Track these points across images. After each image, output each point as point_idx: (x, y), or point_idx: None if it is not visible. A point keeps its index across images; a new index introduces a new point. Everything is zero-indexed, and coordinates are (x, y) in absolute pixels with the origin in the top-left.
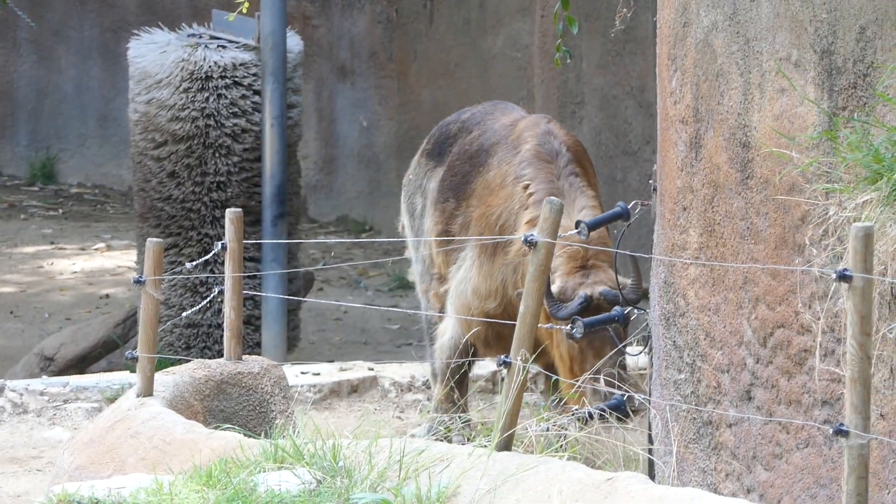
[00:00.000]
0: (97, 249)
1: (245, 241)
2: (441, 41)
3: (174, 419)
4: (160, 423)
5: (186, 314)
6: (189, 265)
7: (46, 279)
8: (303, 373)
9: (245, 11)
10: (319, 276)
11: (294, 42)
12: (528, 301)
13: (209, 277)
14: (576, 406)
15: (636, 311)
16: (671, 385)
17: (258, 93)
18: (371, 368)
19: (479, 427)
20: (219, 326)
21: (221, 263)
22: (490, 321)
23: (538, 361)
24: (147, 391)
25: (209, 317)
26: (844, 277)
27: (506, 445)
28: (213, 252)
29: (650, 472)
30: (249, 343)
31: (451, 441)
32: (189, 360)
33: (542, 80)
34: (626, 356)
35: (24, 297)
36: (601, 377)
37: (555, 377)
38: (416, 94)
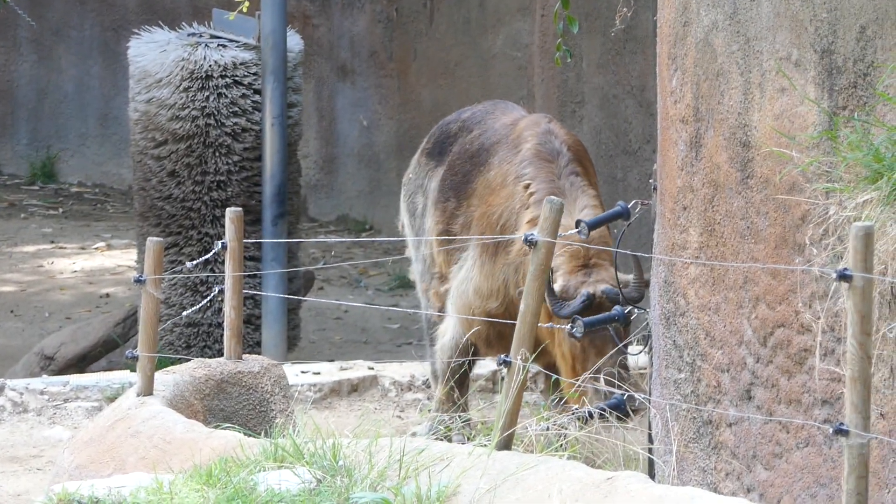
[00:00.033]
0: (97, 248)
1: (245, 241)
2: (441, 40)
3: (174, 418)
4: (160, 423)
5: (187, 313)
6: (189, 264)
7: (46, 278)
8: (303, 372)
9: (245, 10)
10: (320, 276)
11: (294, 41)
12: (529, 300)
13: (209, 277)
14: (576, 405)
15: (636, 311)
16: (671, 384)
17: (258, 92)
18: (371, 368)
19: (479, 426)
20: (219, 325)
21: (222, 262)
22: (492, 320)
23: (538, 361)
24: (147, 390)
25: (209, 316)
26: (845, 277)
27: (506, 445)
28: (214, 251)
29: (650, 472)
30: (249, 342)
31: (452, 440)
32: (189, 360)
33: (543, 80)
34: (628, 355)
35: (25, 297)
36: (604, 376)
37: (555, 376)
38: (417, 94)
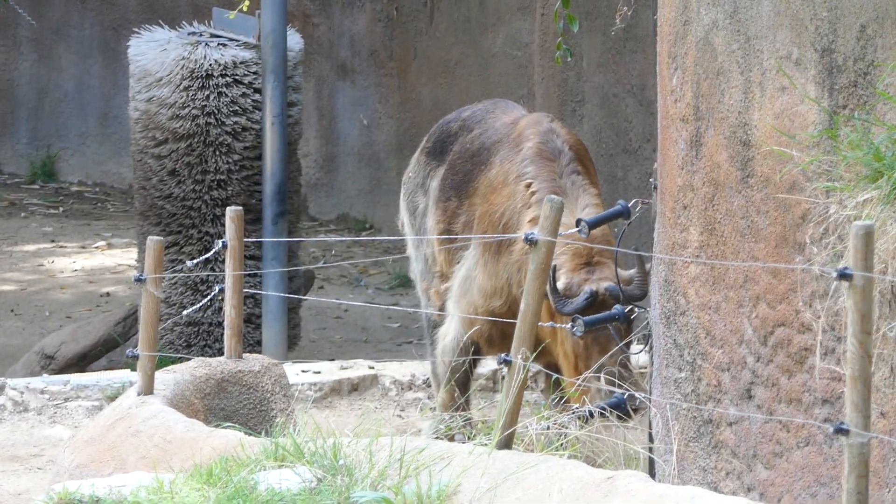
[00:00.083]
0: (98, 247)
1: (245, 240)
2: (441, 39)
3: (175, 417)
4: (161, 422)
5: (187, 312)
6: (189, 263)
7: (47, 277)
8: (303, 371)
9: (245, 9)
10: (320, 275)
11: (294, 40)
12: (529, 299)
13: (210, 276)
14: (579, 404)
15: (637, 310)
16: (671, 383)
17: (259, 91)
18: (371, 367)
19: (480, 425)
20: (219, 325)
21: (222, 262)
22: (495, 320)
23: (539, 360)
24: (148, 389)
25: (210, 315)
26: (845, 276)
27: (506, 444)
28: (214, 250)
29: (651, 471)
30: (250, 341)
31: (455, 440)
32: (190, 359)
33: (543, 79)
34: (630, 354)
35: (25, 296)
36: (604, 375)
37: (555, 375)
38: (417, 93)
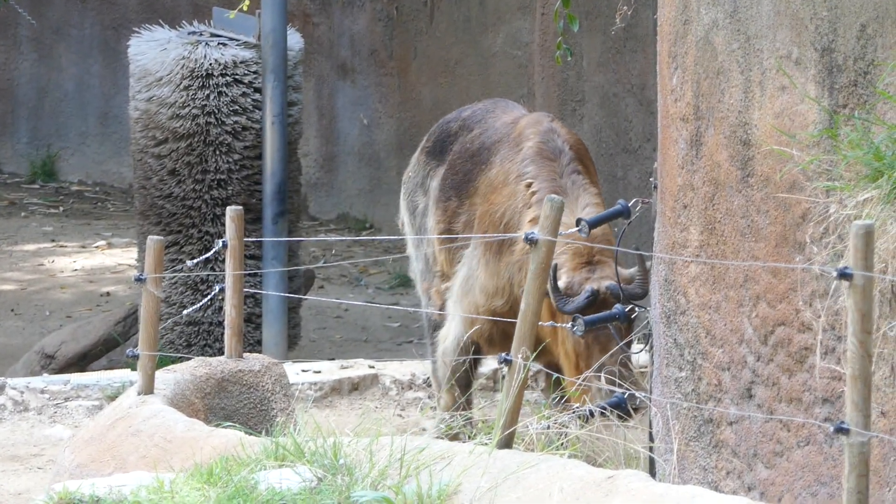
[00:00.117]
0: (98, 247)
1: (246, 239)
2: (441, 39)
3: (175, 417)
4: (161, 421)
5: (187, 312)
6: (190, 263)
7: (47, 277)
8: (304, 371)
9: (246, 9)
10: (320, 274)
11: (294, 40)
12: (529, 299)
13: (210, 275)
14: (577, 404)
15: (637, 309)
16: (672, 383)
17: (259, 90)
18: (372, 366)
19: (480, 425)
20: (219, 324)
21: (222, 261)
22: (497, 319)
23: (539, 359)
24: (148, 389)
25: (210, 314)
26: (845, 275)
27: (507, 443)
28: (214, 250)
29: (651, 470)
30: (250, 341)
31: (458, 439)
32: (190, 358)
33: (543, 78)
34: (630, 353)
35: (25, 295)
36: (605, 374)
37: (555, 375)
38: (417, 92)
